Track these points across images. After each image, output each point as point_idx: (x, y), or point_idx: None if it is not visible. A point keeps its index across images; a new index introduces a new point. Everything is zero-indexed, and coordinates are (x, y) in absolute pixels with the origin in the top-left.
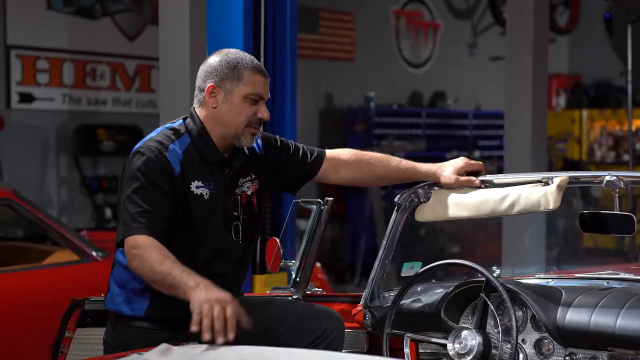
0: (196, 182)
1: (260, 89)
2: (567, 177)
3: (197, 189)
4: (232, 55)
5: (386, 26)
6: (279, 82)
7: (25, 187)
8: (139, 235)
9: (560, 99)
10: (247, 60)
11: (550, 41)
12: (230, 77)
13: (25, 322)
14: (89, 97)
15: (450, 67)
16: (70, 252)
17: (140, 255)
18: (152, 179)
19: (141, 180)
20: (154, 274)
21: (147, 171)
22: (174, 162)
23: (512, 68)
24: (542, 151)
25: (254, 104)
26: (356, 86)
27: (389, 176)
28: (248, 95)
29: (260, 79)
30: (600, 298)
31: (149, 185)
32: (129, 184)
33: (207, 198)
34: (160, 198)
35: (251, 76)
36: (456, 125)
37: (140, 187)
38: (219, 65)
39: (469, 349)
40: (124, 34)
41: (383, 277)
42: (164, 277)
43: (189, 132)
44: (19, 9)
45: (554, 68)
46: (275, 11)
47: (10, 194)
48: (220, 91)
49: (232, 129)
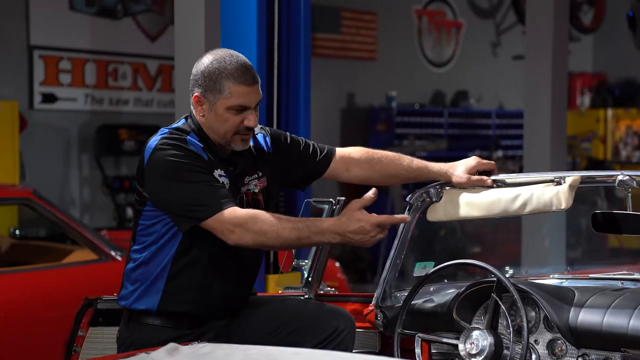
0: (218, 170)
1: (243, 99)
2: (579, 177)
3: (220, 177)
4: (215, 64)
5: (408, 25)
6: (293, 82)
7: (47, 186)
8: (224, 210)
9: (585, 98)
10: (231, 70)
11: (575, 40)
12: (212, 89)
13: (44, 320)
14: (110, 97)
15: (472, 66)
16: (89, 252)
17: (250, 227)
18: (193, 163)
19: (192, 166)
20: (283, 239)
21: (189, 159)
22: (199, 151)
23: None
24: (562, 151)
25: (239, 113)
26: (378, 86)
27: (401, 175)
28: (231, 107)
29: (244, 89)
30: (614, 299)
31: (195, 169)
32: (179, 175)
33: (228, 188)
34: (211, 176)
35: (232, 88)
36: (479, 125)
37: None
38: (202, 74)
39: (480, 349)
40: (145, 34)
41: (395, 277)
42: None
43: (193, 130)
44: (41, 10)
45: (578, 67)
46: (289, 10)
47: (30, 194)
48: (205, 101)
49: (221, 136)
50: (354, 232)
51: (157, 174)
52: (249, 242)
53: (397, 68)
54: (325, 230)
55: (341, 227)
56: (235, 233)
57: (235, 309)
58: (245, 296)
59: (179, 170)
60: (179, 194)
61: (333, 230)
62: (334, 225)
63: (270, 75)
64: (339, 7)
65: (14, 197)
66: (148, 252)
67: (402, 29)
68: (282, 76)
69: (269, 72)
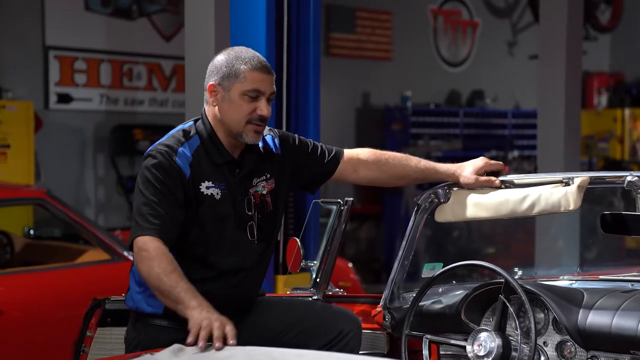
0: (206, 182)
1: (259, 85)
2: (587, 178)
3: (207, 189)
4: (232, 54)
5: (424, 25)
6: (302, 82)
7: (62, 186)
8: (150, 237)
9: (602, 98)
10: (247, 58)
11: (592, 39)
12: (228, 75)
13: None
14: (125, 97)
15: (488, 65)
16: (102, 252)
17: (149, 260)
18: (167, 184)
19: (156, 184)
20: (160, 283)
21: (161, 176)
22: (183, 166)
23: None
24: (576, 151)
25: (252, 101)
26: (393, 85)
27: (408, 176)
28: (245, 92)
29: (259, 75)
30: (623, 300)
31: (164, 190)
32: (144, 186)
33: (219, 198)
34: (174, 206)
35: (248, 73)
36: (495, 125)
37: (154, 191)
38: (219, 64)
39: (488, 351)
40: (160, 34)
41: (403, 278)
42: (169, 289)
43: (198, 134)
44: (57, 11)
45: (595, 66)
46: (299, 10)
47: (43, 194)
48: (220, 89)
49: (233, 126)
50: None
51: (139, 180)
52: (139, 272)
53: (413, 68)
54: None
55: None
56: (136, 258)
57: (243, 310)
58: (253, 297)
59: (146, 181)
60: (135, 204)
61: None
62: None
63: (280, 75)
64: (355, 7)
65: (27, 197)
66: None
67: (417, 29)
68: (292, 76)
69: (278, 73)
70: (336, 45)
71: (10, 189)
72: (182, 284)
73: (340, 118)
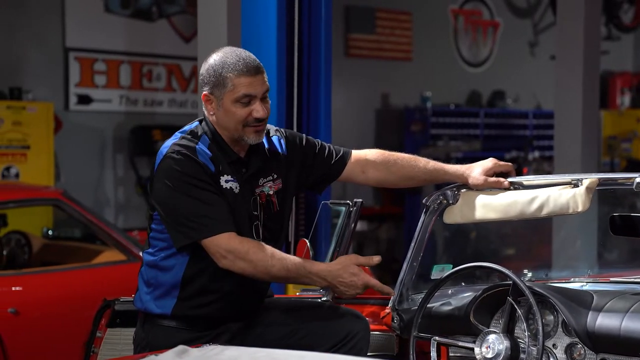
0: (225, 176)
1: (248, 89)
2: (596, 179)
3: (227, 182)
4: (218, 61)
5: (444, 25)
6: (314, 82)
7: (82, 187)
8: (222, 235)
9: (625, 98)
10: (231, 63)
11: (615, 39)
12: (217, 85)
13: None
14: (145, 98)
15: (509, 66)
16: (118, 252)
17: (242, 256)
18: (202, 179)
19: (194, 182)
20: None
21: (193, 173)
22: (206, 162)
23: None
24: (594, 153)
25: (246, 106)
26: (413, 86)
27: (417, 177)
28: (237, 99)
29: (246, 80)
30: (633, 303)
31: (204, 185)
32: (185, 189)
33: (237, 192)
34: (215, 195)
35: (236, 80)
36: (516, 125)
37: (194, 189)
38: (207, 73)
39: (496, 353)
40: (180, 35)
41: (412, 279)
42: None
43: (205, 133)
44: (77, 12)
45: (618, 66)
46: (310, 11)
47: (59, 195)
48: (213, 98)
49: (233, 131)
50: (343, 284)
51: (164, 182)
52: (239, 271)
53: (433, 68)
54: (314, 274)
55: (332, 275)
56: (227, 259)
57: (251, 311)
58: (261, 298)
59: (183, 183)
60: (179, 208)
61: (322, 276)
62: (324, 271)
63: (291, 76)
64: (374, 7)
65: (43, 197)
66: (160, 256)
67: (437, 29)
68: (303, 77)
69: (289, 73)
70: (356, 45)
71: (26, 189)
72: (291, 263)
73: (359, 119)
